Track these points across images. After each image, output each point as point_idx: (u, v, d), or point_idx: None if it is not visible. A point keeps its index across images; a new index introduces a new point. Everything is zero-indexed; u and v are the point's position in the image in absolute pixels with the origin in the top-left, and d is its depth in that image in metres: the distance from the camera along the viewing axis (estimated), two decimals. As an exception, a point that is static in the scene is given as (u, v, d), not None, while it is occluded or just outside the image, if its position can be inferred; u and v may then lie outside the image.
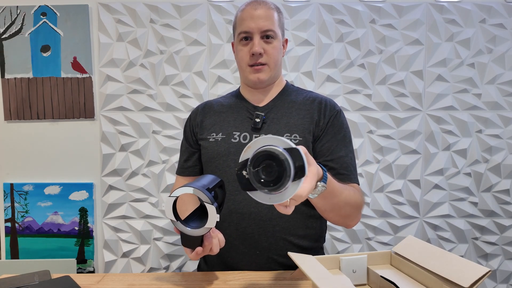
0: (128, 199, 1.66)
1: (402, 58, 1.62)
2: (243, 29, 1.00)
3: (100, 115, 1.63)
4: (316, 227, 1.04)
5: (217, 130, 1.04)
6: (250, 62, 1.01)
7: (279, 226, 0.98)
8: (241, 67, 1.05)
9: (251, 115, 1.03)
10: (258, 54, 0.98)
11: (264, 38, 0.99)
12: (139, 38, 1.60)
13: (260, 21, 0.98)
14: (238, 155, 0.96)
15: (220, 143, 1.02)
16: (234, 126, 1.03)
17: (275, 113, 1.03)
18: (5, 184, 1.65)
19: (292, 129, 1.00)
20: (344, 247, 1.68)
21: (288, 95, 1.08)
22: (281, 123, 1.01)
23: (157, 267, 1.68)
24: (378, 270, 0.77)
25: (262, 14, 0.98)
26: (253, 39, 0.99)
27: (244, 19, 1.00)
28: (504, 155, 1.64)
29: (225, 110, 1.08)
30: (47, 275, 0.90)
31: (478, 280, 0.62)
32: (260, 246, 0.98)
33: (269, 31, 0.99)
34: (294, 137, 0.99)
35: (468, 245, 1.68)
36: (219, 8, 1.60)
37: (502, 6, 1.60)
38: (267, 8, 1.00)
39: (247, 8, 1.01)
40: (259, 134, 1.00)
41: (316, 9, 1.60)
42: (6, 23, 1.59)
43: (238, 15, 1.04)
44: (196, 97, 1.62)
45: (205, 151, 1.05)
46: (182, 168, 1.13)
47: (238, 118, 1.05)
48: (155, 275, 0.95)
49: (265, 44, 0.99)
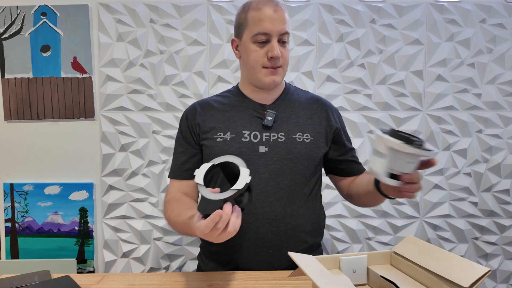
0: (128, 199, 1.66)
1: (402, 58, 1.62)
2: (262, 30, 0.96)
3: (100, 115, 1.63)
4: (319, 222, 1.07)
5: (224, 130, 1.02)
6: (266, 64, 0.98)
7: (291, 224, 0.99)
8: (253, 67, 1.00)
9: (259, 113, 1.03)
10: (278, 58, 0.97)
11: (280, 42, 0.97)
12: (139, 38, 1.60)
13: (279, 23, 0.96)
14: (249, 154, 0.99)
15: (229, 142, 0.99)
16: (243, 125, 1.01)
17: (283, 112, 1.04)
18: (5, 184, 1.65)
19: (303, 128, 1.02)
20: (344, 247, 1.68)
21: (291, 94, 1.09)
22: (291, 122, 1.02)
23: (157, 267, 1.68)
24: (378, 270, 0.77)
25: (281, 16, 0.96)
26: (271, 42, 0.96)
27: (262, 20, 0.96)
28: (504, 155, 1.64)
29: (228, 109, 1.05)
30: (47, 275, 0.90)
31: (478, 280, 0.62)
32: (273, 245, 0.98)
33: (285, 34, 0.97)
34: (306, 136, 1.01)
35: (468, 245, 1.68)
36: (219, 8, 1.60)
37: (502, 6, 1.60)
38: (283, 10, 0.98)
39: (265, 8, 0.96)
40: (270, 133, 1.00)
41: (316, 9, 1.60)
42: (6, 23, 1.59)
43: (251, 14, 0.98)
44: (196, 97, 1.62)
45: (211, 151, 1.01)
46: (180, 171, 1.05)
47: (245, 117, 1.03)
48: (155, 275, 0.95)
49: (281, 47, 0.98)
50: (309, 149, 1.01)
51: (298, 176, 1.00)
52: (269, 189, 0.97)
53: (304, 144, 1.00)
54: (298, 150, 0.99)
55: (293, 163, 0.99)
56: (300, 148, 1.00)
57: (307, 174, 1.01)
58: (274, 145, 0.99)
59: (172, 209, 0.96)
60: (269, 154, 0.99)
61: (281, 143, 0.99)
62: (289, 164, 0.99)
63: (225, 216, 0.68)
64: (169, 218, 0.97)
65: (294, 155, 0.99)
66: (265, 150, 0.99)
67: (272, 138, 1.00)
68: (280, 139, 1.00)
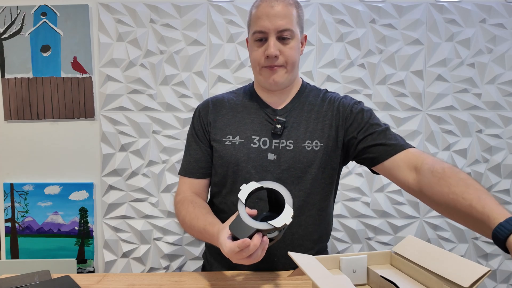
0: (128, 199, 1.66)
1: (402, 58, 1.62)
2: (258, 28, 0.92)
3: (100, 115, 1.63)
4: (328, 228, 1.06)
5: (233, 133, 0.98)
6: (264, 63, 0.94)
7: (298, 233, 0.97)
8: (254, 68, 0.98)
9: (270, 118, 0.98)
10: (273, 57, 0.91)
11: (281, 39, 0.92)
12: (139, 38, 1.60)
13: (276, 19, 0.90)
14: (258, 161, 0.96)
15: (238, 147, 0.96)
16: (253, 130, 0.97)
17: (295, 117, 0.99)
18: (5, 184, 1.65)
19: (313, 135, 0.97)
20: (344, 247, 1.68)
21: (305, 96, 1.02)
22: (300, 129, 0.97)
23: (157, 267, 1.68)
24: (378, 270, 0.77)
25: (280, 11, 0.90)
26: (268, 40, 0.91)
27: (259, 17, 0.91)
28: (504, 155, 1.64)
29: (240, 110, 1.01)
30: (47, 275, 0.90)
31: (478, 280, 0.62)
32: (278, 254, 0.97)
33: (286, 31, 0.91)
34: (316, 143, 0.96)
35: (468, 245, 1.68)
36: (219, 8, 1.60)
37: (502, 6, 1.60)
38: (284, 4, 0.91)
39: (263, 5, 0.91)
40: (279, 140, 0.96)
41: (316, 9, 1.60)
42: (6, 23, 1.59)
43: (252, 12, 0.95)
44: (196, 97, 1.62)
45: (219, 154, 0.98)
46: (193, 169, 1.02)
47: (255, 120, 0.99)
48: (155, 275, 0.95)
49: (282, 45, 0.92)
50: (318, 157, 0.95)
51: (307, 186, 0.96)
52: None
53: (313, 153, 0.95)
54: (307, 159, 0.95)
55: (302, 172, 0.95)
56: (308, 156, 0.95)
57: (316, 183, 0.97)
58: (283, 153, 0.95)
59: (188, 211, 0.93)
60: (277, 162, 0.95)
61: (289, 151, 0.95)
62: (297, 173, 0.95)
63: (252, 247, 0.69)
64: (183, 220, 0.94)
65: (302, 164, 0.95)
66: (274, 158, 0.95)
67: (281, 145, 0.96)
68: (289, 147, 0.95)
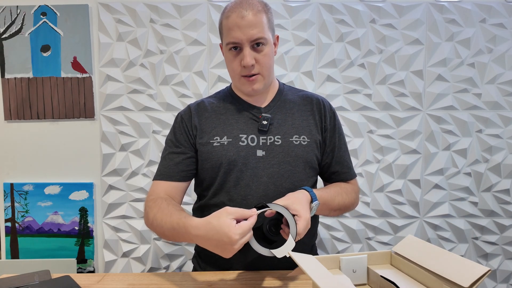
0: (128, 199, 1.66)
1: (402, 58, 1.62)
2: (231, 39, 0.92)
3: (100, 115, 1.63)
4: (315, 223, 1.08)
5: (220, 134, 0.99)
6: (241, 72, 0.96)
7: None
8: (233, 77, 1.00)
9: (255, 116, 1.01)
10: (250, 66, 0.93)
11: (254, 46, 0.93)
12: (139, 38, 1.60)
13: (248, 30, 0.90)
14: (248, 158, 0.97)
15: (227, 147, 0.97)
16: (239, 129, 1.00)
17: (280, 114, 1.02)
18: (5, 184, 1.65)
19: (300, 130, 1.01)
20: (344, 247, 1.68)
21: (285, 95, 1.06)
22: (286, 124, 1.01)
23: (157, 267, 1.68)
24: (378, 270, 0.77)
25: (251, 21, 0.90)
26: (243, 50, 0.92)
27: (230, 28, 0.92)
28: (504, 155, 1.64)
29: (223, 112, 1.03)
30: (47, 275, 0.90)
31: (478, 279, 0.62)
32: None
33: (259, 39, 0.92)
34: (303, 138, 1.00)
35: (468, 245, 1.68)
36: (219, 8, 1.60)
37: (502, 6, 1.60)
38: (254, 12, 0.91)
39: (233, 16, 0.91)
40: (266, 136, 0.99)
41: (316, 8, 1.60)
42: (6, 23, 1.59)
43: (223, 22, 0.95)
44: (196, 97, 1.62)
45: (207, 156, 0.99)
46: (173, 172, 1.00)
47: (240, 120, 1.01)
48: (155, 275, 0.95)
49: (256, 53, 0.93)
50: (306, 151, 1.00)
51: (296, 179, 0.99)
52: (269, 193, 0.96)
53: (301, 147, 0.99)
54: (296, 153, 0.98)
55: (291, 166, 0.98)
56: (297, 150, 0.99)
57: (304, 176, 1.00)
58: (272, 148, 0.98)
59: (160, 207, 0.90)
60: (267, 157, 0.98)
61: (278, 146, 0.98)
62: (287, 167, 0.98)
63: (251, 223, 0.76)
64: (154, 217, 0.90)
65: (292, 158, 0.98)
66: (262, 154, 0.98)
67: (269, 141, 0.99)
68: (277, 142, 0.98)
